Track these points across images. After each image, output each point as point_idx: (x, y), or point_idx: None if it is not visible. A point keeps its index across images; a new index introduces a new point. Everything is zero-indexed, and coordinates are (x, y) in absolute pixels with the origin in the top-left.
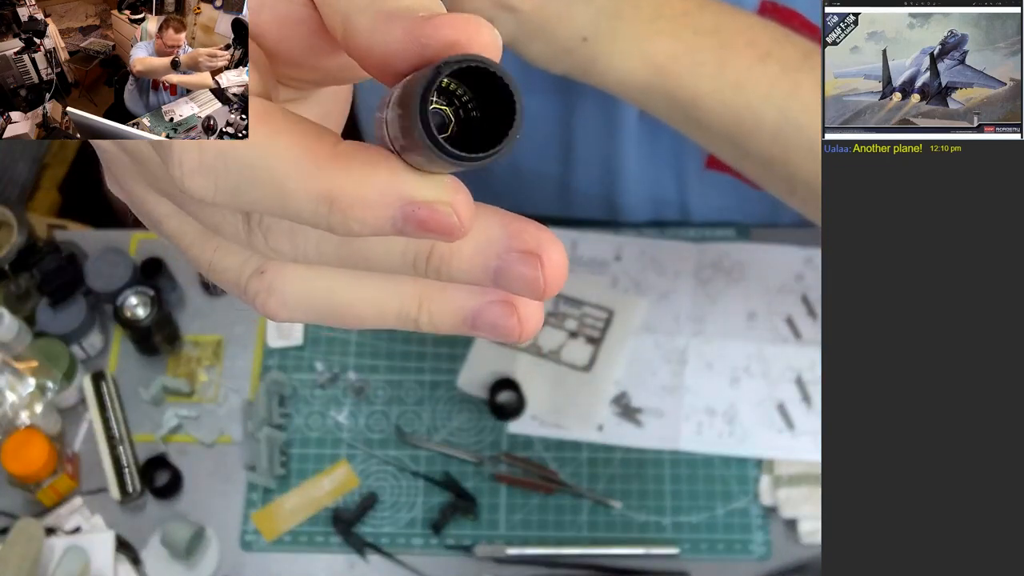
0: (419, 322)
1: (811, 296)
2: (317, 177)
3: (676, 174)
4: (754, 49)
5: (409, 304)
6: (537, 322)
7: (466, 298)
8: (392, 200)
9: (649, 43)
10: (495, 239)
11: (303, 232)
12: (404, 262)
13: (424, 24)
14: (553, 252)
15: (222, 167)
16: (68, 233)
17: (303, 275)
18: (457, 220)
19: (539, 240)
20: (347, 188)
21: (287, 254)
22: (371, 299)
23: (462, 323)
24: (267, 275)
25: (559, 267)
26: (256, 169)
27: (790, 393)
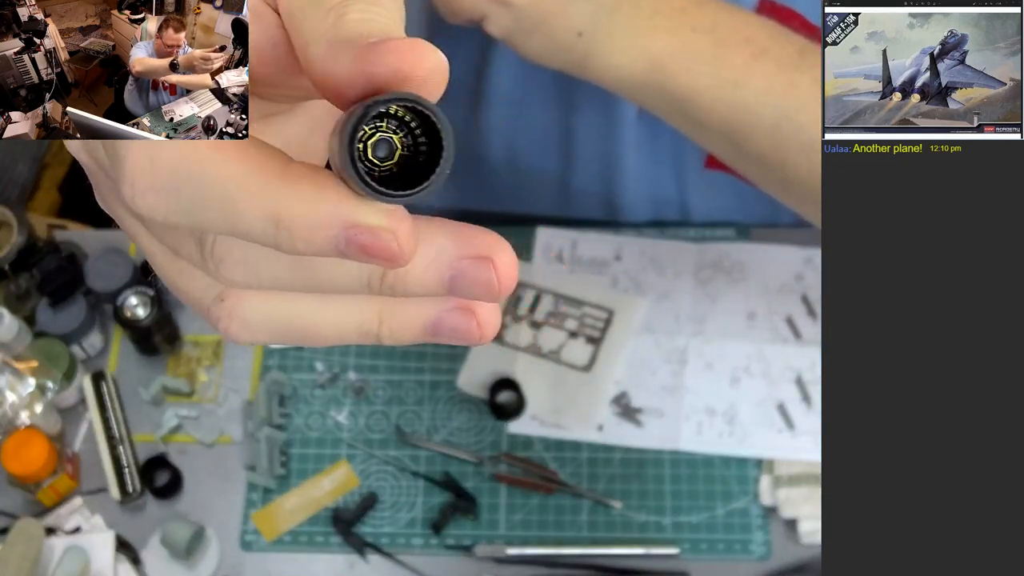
0: (380, 337)
1: (811, 296)
2: (266, 197)
3: (676, 173)
4: (751, 46)
5: (369, 321)
6: (495, 323)
7: (424, 309)
8: (336, 223)
9: (646, 39)
10: (446, 249)
11: (255, 260)
12: (359, 283)
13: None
14: (503, 254)
15: (173, 187)
16: (68, 233)
17: (262, 300)
18: (398, 247)
19: (489, 245)
20: (294, 209)
21: (241, 282)
22: (331, 319)
23: (423, 333)
24: (227, 302)
25: (510, 267)
26: (207, 188)
27: (790, 393)
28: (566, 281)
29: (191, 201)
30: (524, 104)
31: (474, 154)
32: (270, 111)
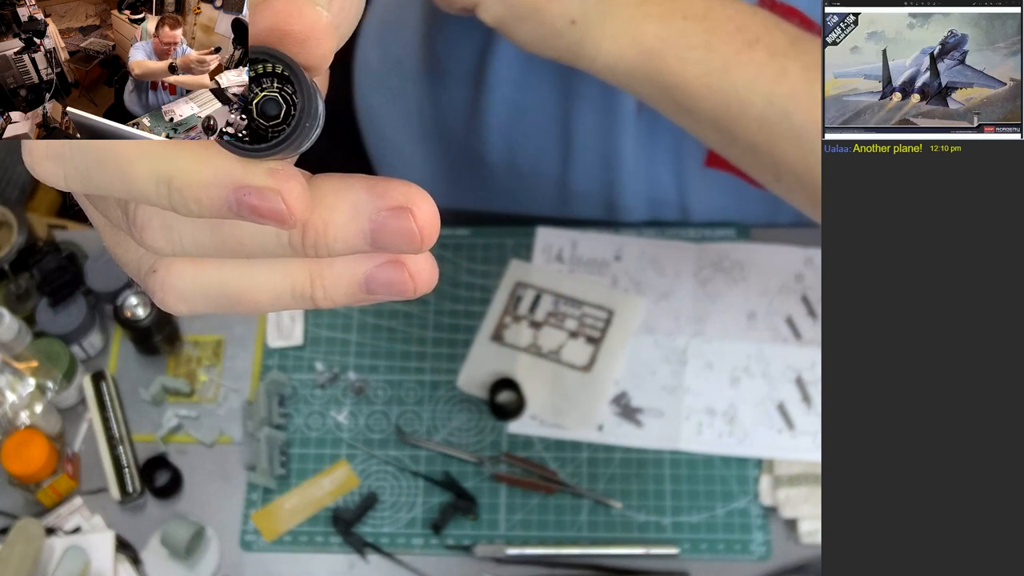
0: (315, 298)
1: (811, 296)
2: (157, 157)
3: (675, 172)
4: (742, 35)
5: (302, 283)
6: (428, 275)
7: (354, 266)
8: (225, 183)
9: (638, 27)
10: (362, 203)
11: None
12: (282, 245)
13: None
14: (421, 202)
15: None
16: (68, 233)
17: (192, 269)
18: (285, 207)
19: (406, 195)
20: (185, 169)
21: (165, 249)
22: (264, 284)
23: (358, 290)
24: (159, 272)
25: (430, 216)
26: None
27: (790, 393)
28: (566, 281)
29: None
30: (523, 103)
31: (474, 154)
32: None
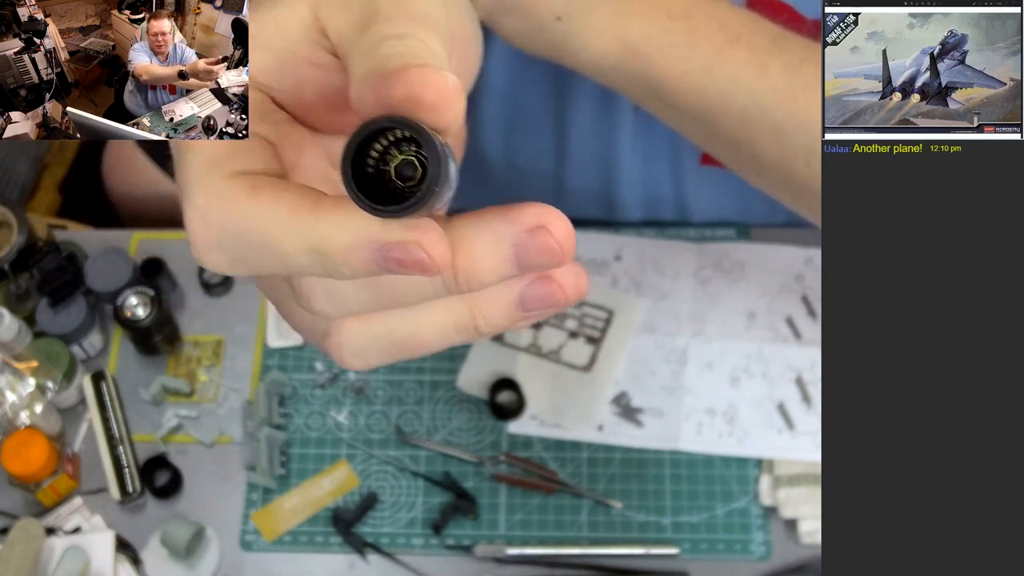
0: (479, 328)
1: (811, 296)
2: (302, 233)
3: (672, 169)
4: (724, 33)
5: (463, 317)
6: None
7: (506, 290)
8: (368, 243)
9: (622, 24)
10: (501, 232)
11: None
12: (437, 288)
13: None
14: (555, 219)
15: (228, 241)
16: (68, 233)
17: (361, 326)
18: (427, 256)
19: (539, 215)
20: (329, 238)
21: (332, 312)
22: (428, 325)
23: (515, 311)
24: (332, 335)
25: (565, 229)
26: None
27: (790, 393)
28: None
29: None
30: (519, 99)
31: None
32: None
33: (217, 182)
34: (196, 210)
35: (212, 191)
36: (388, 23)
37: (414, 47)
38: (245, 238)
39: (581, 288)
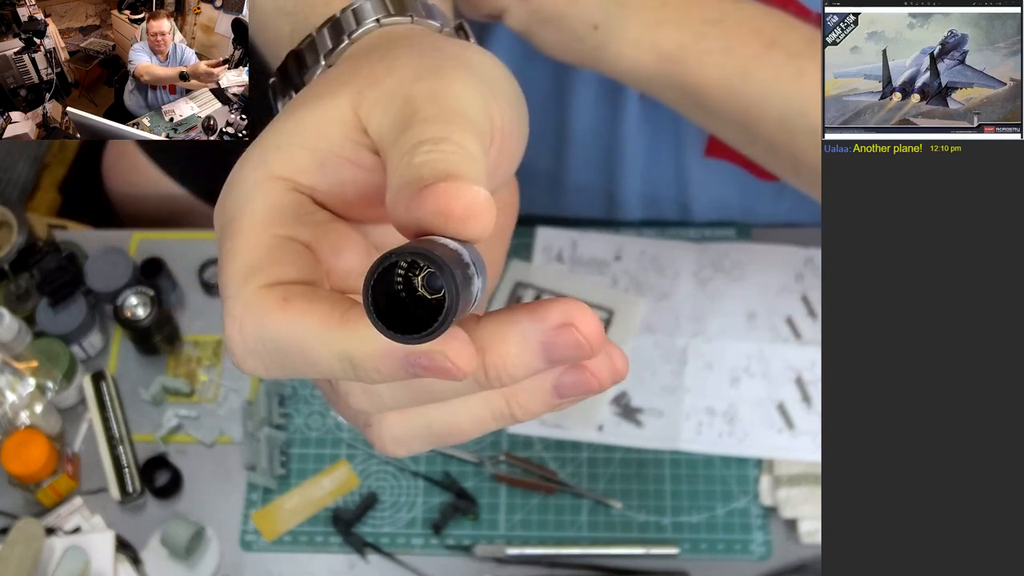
0: (515, 416)
1: (811, 296)
2: (334, 343)
3: (676, 161)
4: (759, 37)
5: (499, 407)
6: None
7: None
8: (396, 352)
9: (657, 31)
10: (529, 331)
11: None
12: (470, 385)
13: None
14: (581, 315)
15: (262, 349)
16: (68, 233)
17: (400, 418)
18: (451, 364)
19: (566, 312)
20: (360, 348)
21: (370, 409)
22: (465, 416)
23: (551, 399)
24: (373, 427)
25: (592, 325)
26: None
27: (790, 393)
28: (566, 281)
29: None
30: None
31: None
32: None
33: (252, 293)
34: (233, 320)
35: (247, 302)
36: (425, 125)
37: (449, 154)
38: (279, 348)
39: (618, 371)
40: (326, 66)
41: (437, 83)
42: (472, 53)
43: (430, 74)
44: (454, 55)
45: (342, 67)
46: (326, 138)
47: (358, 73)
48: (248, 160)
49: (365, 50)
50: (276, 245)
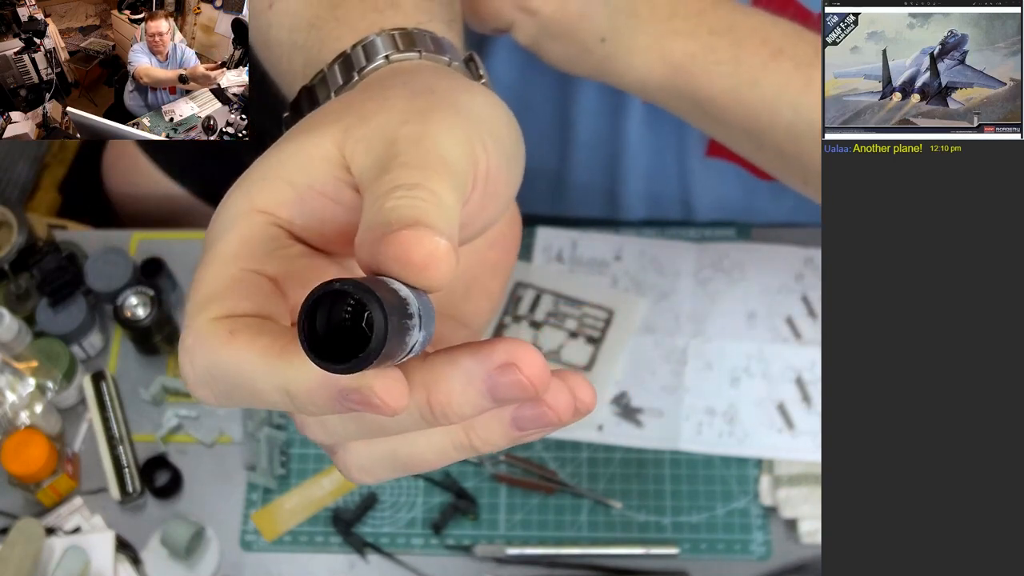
0: (476, 447)
1: (811, 296)
2: (273, 375)
3: (678, 161)
4: (768, 46)
5: (460, 439)
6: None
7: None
8: (327, 387)
9: (666, 42)
10: (472, 370)
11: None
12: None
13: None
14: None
15: (210, 380)
16: (68, 233)
17: (364, 447)
18: (381, 401)
19: (508, 351)
20: (295, 380)
21: (325, 440)
22: (427, 447)
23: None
24: (339, 454)
25: (535, 365)
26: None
27: (790, 393)
28: (566, 281)
29: (225, 389)
30: (525, 93)
31: None
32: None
33: (203, 323)
34: (185, 350)
35: (197, 332)
36: (402, 170)
37: (420, 201)
38: (225, 379)
39: (582, 404)
40: None
41: (422, 127)
42: (465, 93)
43: (418, 117)
44: (445, 96)
45: (335, 103)
46: (308, 174)
47: (348, 110)
48: (235, 190)
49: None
50: (239, 278)
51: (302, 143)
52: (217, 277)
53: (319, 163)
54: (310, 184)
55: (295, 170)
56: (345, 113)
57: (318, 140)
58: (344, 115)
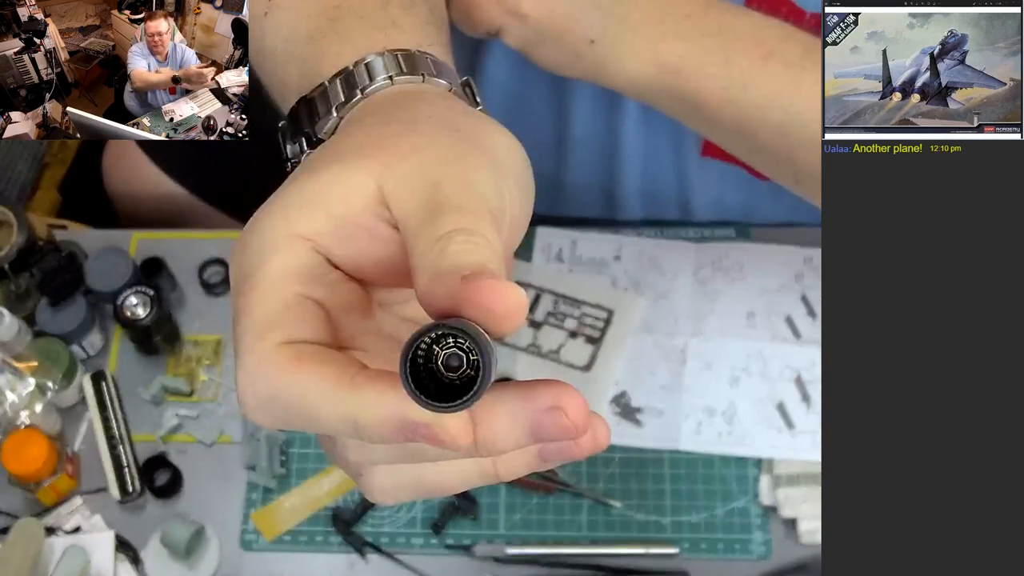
0: (500, 476)
1: (811, 296)
2: (341, 405)
3: (675, 162)
4: (758, 48)
5: (487, 468)
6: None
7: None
8: (397, 421)
9: (658, 45)
10: (519, 411)
11: (369, 447)
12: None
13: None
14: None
15: (272, 405)
16: (68, 233)
17: (391, 472)
18: (449, 436)
19: (555, 395)
20: (365, 412)
21: (363, 462)
22: (453, 473)
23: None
24: (364, 476)
25: (579, 409)
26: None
27: (790, 393)
28: (565, 281)
29: (285, 414)
30: (521, 93)
31: None
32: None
33: (266, 349)
34: (246, 374)
35: (260, 358)
36: (457, 215)
37: (482, 247)
38: (287, 404)
39: (599, 442)
40: (338, 118)
41: (461, 169)
42: (489, 136)
43: (455, 159)
44: (472, 137)
45: (363, 135)
46: (348, 206)
47: (382, 146)
48: (269, 215)
49: (383, 113)
50: (293, 303)
51: (338, 174)
52: (271, 301)
53: (357, 196)
54: (348, 215)
55: (333, 201)
56: (379, 148)
57: (355, 175)
58: (379, 151)
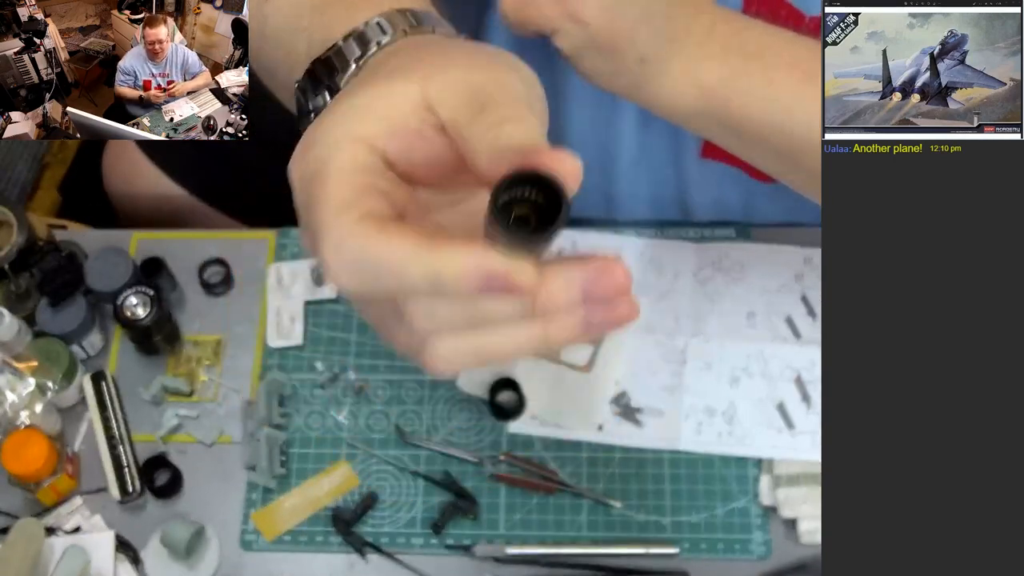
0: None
1: (811, 296)
2: (424, 261)
3: (674, 163)
4: (798, 70)
5: (538, 334)
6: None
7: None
8: (478, 269)
9: (699, 67)
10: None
11: (436, 312)
12: (516, 312)
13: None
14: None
15: (357, 268)
16: (68, 233)
17: (452, 340)
18: (525, 280)
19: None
20: (446, 266)
21: (429, 328)
22: (508, 340)
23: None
24: (427, 348)
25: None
26: (380, 265)
27: (790, 393)
28: None
29: (373, 275)
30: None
31: None
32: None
33: (351, 221)
34: (331, 245)
35: (345, 229)
36: (503, 107)
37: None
38: (375, 265)
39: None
40: (356, 69)
41: (495, 74)
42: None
43: (488, 67)
44: (497, 53)
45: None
46: (398, 111)
47: (421, 62)
48: (327, 124)
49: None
50: (364, 189)
51: (389, 86)
52: (345, 187)
53: (405, 102)
54: (399, 119)
55: (385, 107)
56: (418, 65)
57: (402, 85)
58: (418, 67)
